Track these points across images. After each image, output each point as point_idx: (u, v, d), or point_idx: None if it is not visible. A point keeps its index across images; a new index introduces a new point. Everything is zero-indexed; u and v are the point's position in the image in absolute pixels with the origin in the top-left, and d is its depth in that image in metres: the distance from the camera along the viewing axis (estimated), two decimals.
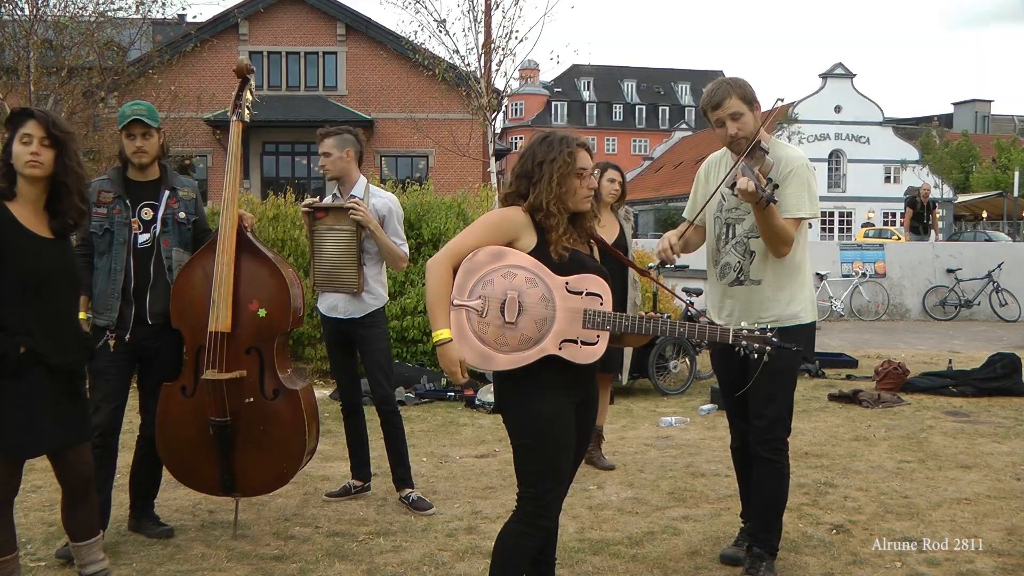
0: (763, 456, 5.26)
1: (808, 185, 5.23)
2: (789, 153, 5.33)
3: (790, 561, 5.56)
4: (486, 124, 23.29)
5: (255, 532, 6.11)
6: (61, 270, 4.58)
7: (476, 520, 6.35)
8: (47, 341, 4.49)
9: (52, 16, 17.41)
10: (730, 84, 5.22)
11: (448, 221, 12.27)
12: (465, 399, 10.65)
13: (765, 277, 5.26)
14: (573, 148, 4.27)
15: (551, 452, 4.18)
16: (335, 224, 6.63)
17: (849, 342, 16.66)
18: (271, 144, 38.66)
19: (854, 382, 12.10)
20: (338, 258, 6.65)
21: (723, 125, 5.20)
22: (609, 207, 7.79)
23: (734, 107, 5.16)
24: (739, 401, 5.41)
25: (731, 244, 5.36)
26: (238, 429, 5.74)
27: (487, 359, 4.19)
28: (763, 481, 5.30)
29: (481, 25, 22.17)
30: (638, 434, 9.09)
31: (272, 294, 5.75)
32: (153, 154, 5.80)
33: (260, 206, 13.12)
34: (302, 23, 38.47)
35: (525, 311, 4.16)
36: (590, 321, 4.18)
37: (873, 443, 8.65)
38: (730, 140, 5.22)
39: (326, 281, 6.73)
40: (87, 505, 4.86)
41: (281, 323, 5.76)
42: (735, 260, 5.33)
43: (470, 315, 4.20)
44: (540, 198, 4.22)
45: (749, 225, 5.22)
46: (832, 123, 63.18)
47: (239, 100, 6.05)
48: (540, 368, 4.16)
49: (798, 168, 5.22)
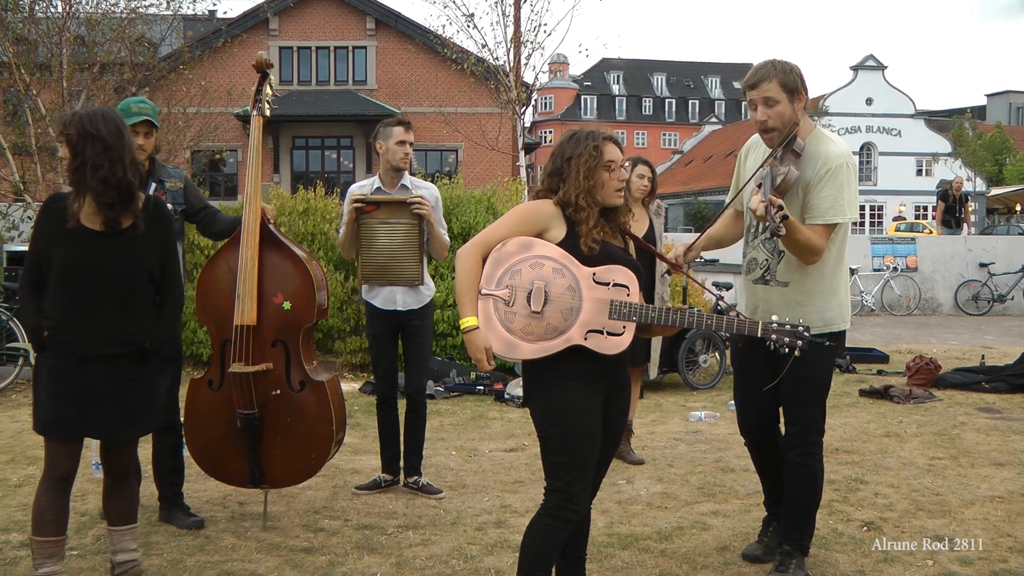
0: (795, 460, 5.18)
1: (847, 186, 4.93)
2: (830, 150, 4.97)
3: (820, 558, 5.53)
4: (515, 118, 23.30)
5: (285, 524, 6.13)
6: (100, 264, 4.60)
7: (505, 514, 6.35)
8: (71, 330, 4.58)
9: (85, 13, 17.50)
10: (775, 66, 4.92)
11: (477, 215, 12.28)
12: (494, 393, 10.65)
13: (793, 280, 5.09)
14: (599, 142, 4.29)
15: (575, 444, 4.19)
16: (389, 217, 6.64)
17: (880, 337, 16.58)
18: (301, 139, 38.82)
19: (885, 377, 12.04)
20: (396, 251, 6.66)
21: (755, 108, 4.98)
22: (640, 202, 7.77)
23: (770, 92, 4.89)
24: (753, 402, 5.38)
25: (760, 239, 5.21)
26: (265, 421, 5.77)
27: (513, 347, 4.22)
28: (794, 485, 5.23)
29: (510, 19, 22.19)
30: (667, 428, 9.08)
31: (297, 287, 5.77)
32: (149, 151, 5.96)
33: (290, 200, 13.15)
34: (332, 18, 38.60)
35: (551, 301, 4.19)
36: (616, 312, 4.19)
37: (904, 439, 8.60)
38: (759, 126, 5.01)
39: (379, 274, 6.71)
40: (125, 491, 4.96)
41: (306, 315, 5.78)
42: (762, 257, 5.20)
43: (497, 304, 4.24)
44: (569, 192, 4.25)
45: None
46: (863, 116, 62.83)
47: (259, 95, 6.08)
48: (565, 360, 4.18)
49: (836, 168, 4.90)
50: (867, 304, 20.66)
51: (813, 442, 5.19)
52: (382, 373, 6.94)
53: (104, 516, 5.03)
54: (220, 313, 5.78)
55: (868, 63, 63.65)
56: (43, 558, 4.67)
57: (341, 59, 39.17)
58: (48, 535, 4.67)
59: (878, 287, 20.94)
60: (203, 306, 5.90)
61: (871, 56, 63.92)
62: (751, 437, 5.53)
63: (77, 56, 17.61)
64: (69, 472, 4.72)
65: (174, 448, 6.18)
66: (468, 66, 23.05)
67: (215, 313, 5.83)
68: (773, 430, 5.46)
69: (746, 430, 5.53)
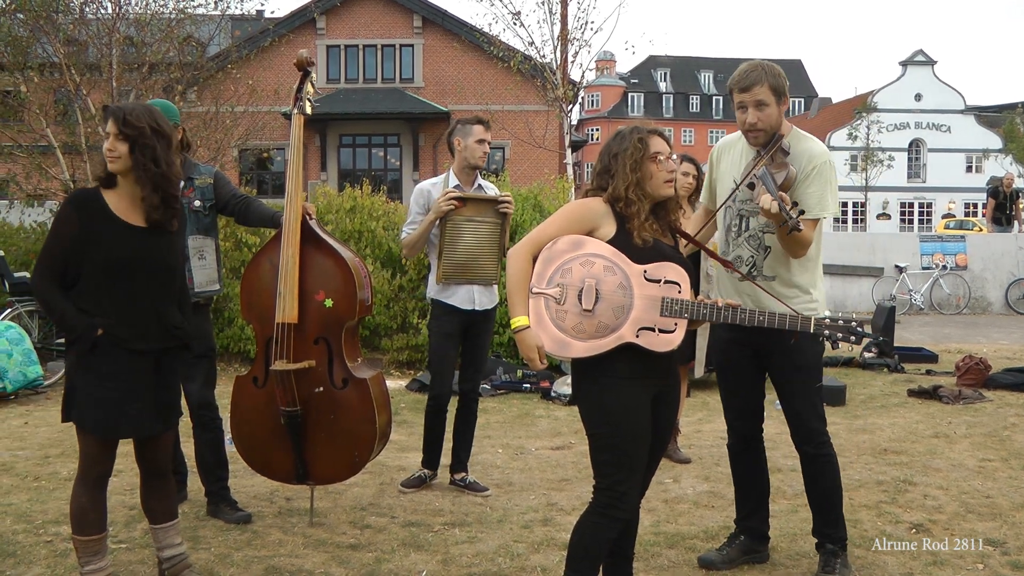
0: (811, 453, 5.23)
1: (830, 182, 5.07)
2: (812, 148, 5.13)
3: (868, 560, 5.49)
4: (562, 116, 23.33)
5: (332, 520, 6.16)
6: (147, 259, 4.65)
7: (551, 512, 6.35)
8: (124, 326, 4.58)
9: (134, 14, 17.67)
10: (764, 70, 5.01)
11: (524, 213, 12.27)
12: (541, 391, 10.65)
13: (778, 274, 5.16)
14: (644, 134, 4.31)
15: (624, 442, 4.19)
16: (475, 215, 6.66)
17: (929, 336, 16.44)
18: (348, 137, 38.95)
19: (934, 377, 11.93)
20: (478, 249, 6.69)
21: (744, 110, 5.04)
22: (686, 200, 7.74)
23: (761, 95, 4.98)
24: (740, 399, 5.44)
25: (744, 237, 5.26)
26: (309, 418, 5.81)
27: (564, 346, 4.22)
28: (817, 477, 5.27)
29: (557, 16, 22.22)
30: (714, 427, 9.04)
31: (338, 284, 5.79)
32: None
33: (337, 198, 13.20)
34: (379, 16, 38.73)
35: (603, 299, 4.19)
36: (667, 309, 4.19)
37: (954, 440, 8.51)
38: (747, 128, 5.07)
39: (459, 273, 6.70)
40: (164, 489, 4.98)
41: (348, 313, 5.80)
42: (747, 255, 5.23)
43: (548, 303, 4.24)
44: (618, 187, 4.26)
45: (765, 220, 5.06)
46: (912, 112, 62.34)
47: (300, 93, 6.12)
48: (615, 358, 4.18)
49: (821, 166, 5.05)
50: (916, 303, 20.49)
51: (822, 431, 5.25)
52: (446, 372, 6.87)
53: (146, 515, 5.03)
54: (263, 311, 5.83)
55: (917, 58, 63.15)
56: (88, 556, 4.71)
57: (388, 57, 39.27)
58: (92, 534, 4.71)
59: (927, 285, 20.75)
60: (247, 304, 5.97)
61: (920, 51, 63.42)
62: (736, 436, 5.53)
63: (126, 56, 17.79)
64: (109, 470, 4.78)
65: (215, 444, 6.27)
66: (515, 64, 23.10)
67: (259, 311, 5.88)
68: (759, 429, 5.51)
69: (733, 429, 5.54)
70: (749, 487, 5.55)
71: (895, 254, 21.09)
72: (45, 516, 6.11)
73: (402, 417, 9.32)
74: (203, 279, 6.07)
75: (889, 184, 58.90)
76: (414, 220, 6.75)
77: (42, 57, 17.91)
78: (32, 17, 16.87)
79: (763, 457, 5.55)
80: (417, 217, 6.73)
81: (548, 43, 22.50)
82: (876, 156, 54.20)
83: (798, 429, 5.24)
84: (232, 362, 12.03)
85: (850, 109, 62.09)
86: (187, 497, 6.50)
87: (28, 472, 7.24)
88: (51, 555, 5.45)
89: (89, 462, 4.68)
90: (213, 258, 6.15)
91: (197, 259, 6.04)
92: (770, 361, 5.17)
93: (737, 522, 5.59)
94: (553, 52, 22.48)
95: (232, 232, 11.91)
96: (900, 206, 62.86)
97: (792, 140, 5.10)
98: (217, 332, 11.83)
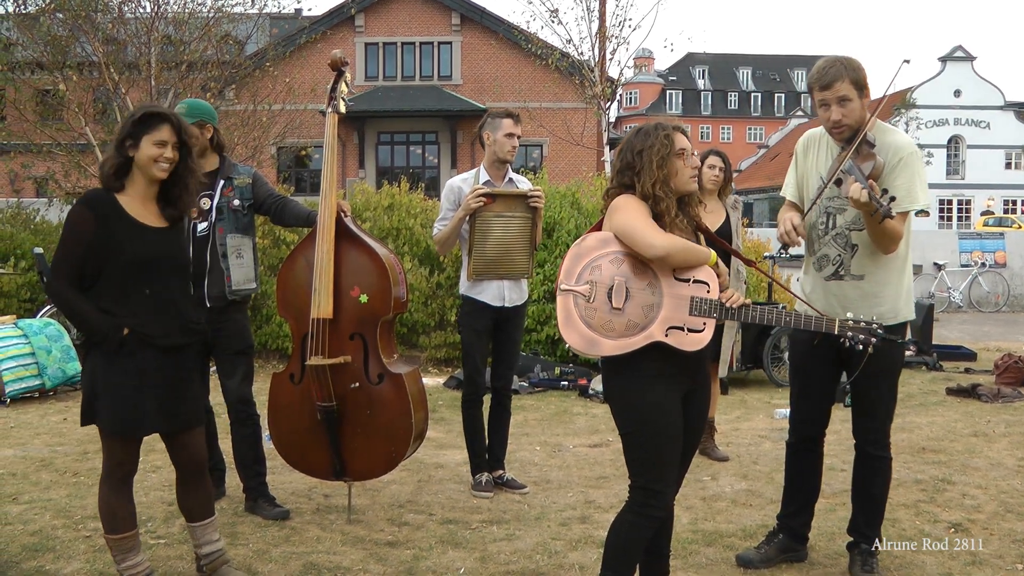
0: (876, 455, 5.20)
1: (919, 174, 4.98)
2: (898, 140, 5.05)
3: (907, 559, 5.47)
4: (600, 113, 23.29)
5: (369, 518, 6.18)
6: (168, 256, 4.72)
7: (589, 510, 6.35)
8: (151, 323, 4.62)
9: (172, 13, 17.79)
10: (844, 65, 4.90)
11: (563, 210, 12.27)
12: (578, 388, 10.66)
13: (867, 272, 5.07)
14: (669, 131, 4.29)
15: (656, 441, 4.19)
16: (505, 211, 6.62)
17: (968, 334, 16.33)
18: (386, 134, 39.02)
19: (973, 375, 11.86)
20: (509, 244, 6.66)
21: (827, 107, 4.95)
22: (715, 194, 7.71)
23: (844, 91, 4.88)
24: (811, 401, 5.37)
25: (831, 235, 5.17)
26: (345, 414, 5.84)
27: (594, 344, 4.20)
28: (874, 478, 5.23)
29: (595, 14, 22.19)
30: (752, 425, 9.01)
31: (373, 280, 5.82)
32: (200, 147, 5.99)
33: (375, 196, 13.24)
34: (417, 14, 38.76)
35: (632, 297, 4.18)
36: (697, 308, 4.17)
37: (993, 439, 8.45)
38: (832, 125, 4.99)
39: (490, 269, 6.67)
40: (200, 486, 4.98)
41: (383, 308, 5.82)
42: (834, 253, 5.15)
43: (577, 300, 4.22)
44: (645, 184, 4.23)
45: (851, 217, 5.02)
46: (951, 108, 61.70)
47: (334, 92, 6.16)
48: (645, 356, 4.16)
49: (907, 157, 4.96)
50: (954, 300, 20.36)
51: (888, 433, 5.23)
52: (480, 369, 6.83)
53: (183, 513, 5.05)
54: (299, 308, 5.89)
55: (957, 54, 62.51)
56: (124, 552, 4.75)
57: (426, 55, 39.30)
58: (125, 531, 4.74)
59: (966, 283, 20.62)
60: (283, 301, 6.04)
61: (959, 47, 62.76)
62: (799, 437, 5.48)
63: (165, 55, 17.91)
64: (135, 468, 4.81)
65: (252, 440, 6.29)
66: (553, 61, 23.08)
67: (295, 308, 5.93)
68: (823, 433, 5.46)
69: (796, 430, 5.49)
70: (800, 487, 5.51)
71: (934, 251, 20.95)
72: (84, 512, 6.15)
73: (440, 414, 9.33)
74: (240, 277, 6.10)
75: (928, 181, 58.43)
76: (445, 216, 6.74)
77: (81, 56, 18.07)
78: (71, 16, 17.03)
79: (820, 461, 5.51)
80: (448, 213, 6.72)
81: (586, 40, 22.47)
82: None
83: (866, 429, 5.21)
84: (270, 359, 12.09)
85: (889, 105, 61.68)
86: (225, 493, 6.54)
87: (67, 468, 7.30)
88: (90, 550, 5.49)
89: (114, 462, 4.70)
90: (251, 257, 6.19)
91: (235, 257, 6.08)
92: (850, 364, 5.03)
93: (779, 518, 5.56)
94: (591, 49, 22.45)
95: (270, 230, 11.97)
96: (939, 203, 62.28)
97: (877, 132, 5.01)
98: (255, 329, 11.90)
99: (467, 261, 6.69)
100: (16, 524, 5.98)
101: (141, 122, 4.60)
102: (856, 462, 5.31)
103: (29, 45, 17.73)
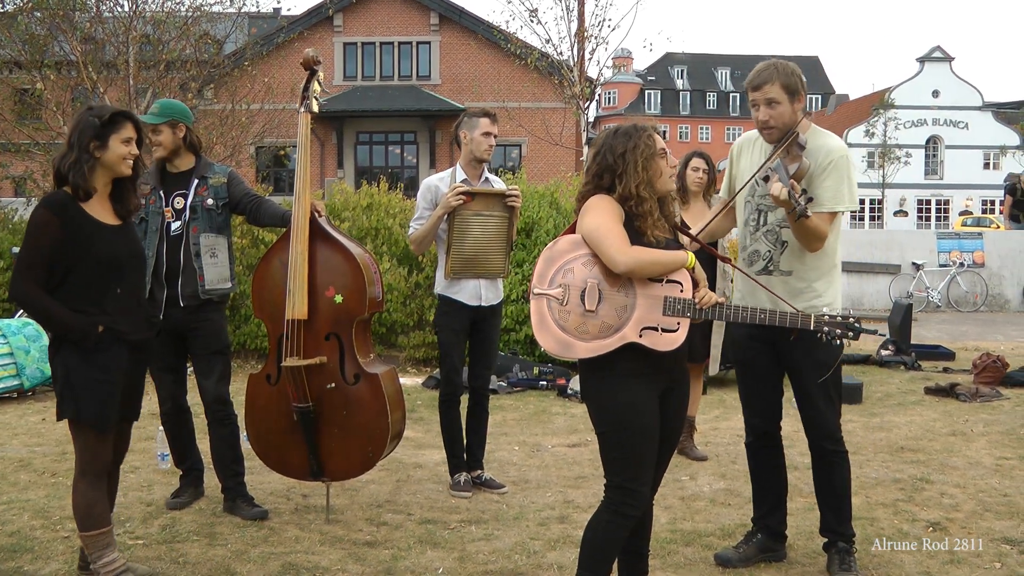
0: (830, 449, 5.25)
1: (847, 177, 5.09)
2: (829, 143, 5.17)
3: (886, 558, 5.48)
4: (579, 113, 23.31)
5: (348, 517, 6.17)
6: (129, 253, 4.83)
7: (568, 509, 6.35)
8: (123, 319, 4.72)
9: (151, 12, 17.75)
10: (777, 69, 5.09)
11: (541, 210, 12.26)
12: (557, 388, 10.65)
13: (796, 268, 5.17)
14: (650, 132, 4.32)
15: (633, 440, 4.19)
16: (483, 209, 6.62)
17: (946, 334, 16.39)
18: (365, 134, 39.01)
19: (951, 375, 11.90)
20: (486, 243, 6.66)
21: (757, 108, 5.13)
22: (700, 195, 7.73)
23: (772, 94, 5.05)
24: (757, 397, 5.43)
25: (762, 232, 5.26)
26: (321, 414, 5.84)
27: (568, 347, 4.20)
28: (833, 473, 5.28)
29: (574, 14, 22.26)
30: (731, 425, 9.02)
31: (348, 280, 5.82)
32: (167, 146, 6.13)
33: (354, 195, 13.22)
34: (396, 13, 38.76)
35: (605, 299, 4.18)
36: (670, 308, 4.18)
37: (971, 438, 8.48)
38: (760, 125, 5.15)
39: (467, 268, 6.65)
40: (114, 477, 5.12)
41: (358, 308, 5.82)
42: (765, 249, 5.24)
43: (550, 304, 4.22)
44: (628, 185, 4.22)
45: (782, 214, 5.09)
46: (929, 108, 62.00)
47: (306, 92, 6.19)
48: (619, 356, 4.16)
49: (838, 160, 5.08)
50: (933, 300, 20.43)
51: (838, 427, 5.29)
52: (458, 368, 6.82)
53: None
54: (275, 309, 5.89)
55: (935, 55, 62.83)
56: (100, 549, 4.77)
57: (405, 54, 39.28)
58: (100, 527, 4.78)
59: (944, 283, 20.68)
60: (259, 302, 6.06)
61: (938, 47, 63.11)
62: (756, 434, 5.51)
63: (143, 54, 17.87)
64: (109, 462, 4.87)
65: (230, 440, 6.30)
66: (532, 61, 23.13)
67: (270, 309, 5.94)
68: (777, 427, 5.50)
69: (752, 428, 5.52)
70: (767, 485, 5.54)
71: (912, 251, 21.02)
72: (63, 512, 6.12)
73: (419, 414, 9.33)
74: (214, 277, 6.09)
75: (906, 181, 58.62)
76: (421, 216, 6.73)
77: (59, 55, 18.04)
78: (49, 15, 16.99)
79: (781, 455, 5.54)
80: (425, 212, 6.70)
81: (565, 40, 22.55)
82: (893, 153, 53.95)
83: (815, 425, 5.25)
84: (249, 359, 12.06)
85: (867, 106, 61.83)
86: (204, 493, 6.53)
87: (45, 468, 7.28)
88: (68, 550, 5.47)
89: (90, 456, 4.74)
90: (225, 256, 6.18)
91: (209, 257, 6.08)
92: (790, 357, 5.17)
93: (755, 520, 5.58)
94: (570, 49, 22.51)
95: (249, 230, 11.93)
96: (917, 203, 62.60)
97: (810, 136, 5.13)
98: (234, 329, 11.89)
99: (444, 260, 6.67)
100: None
101: (110, 122, 4.66)
102: (813, 460, 5.37)
103: (7, 44, 17.67)
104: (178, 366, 6.36)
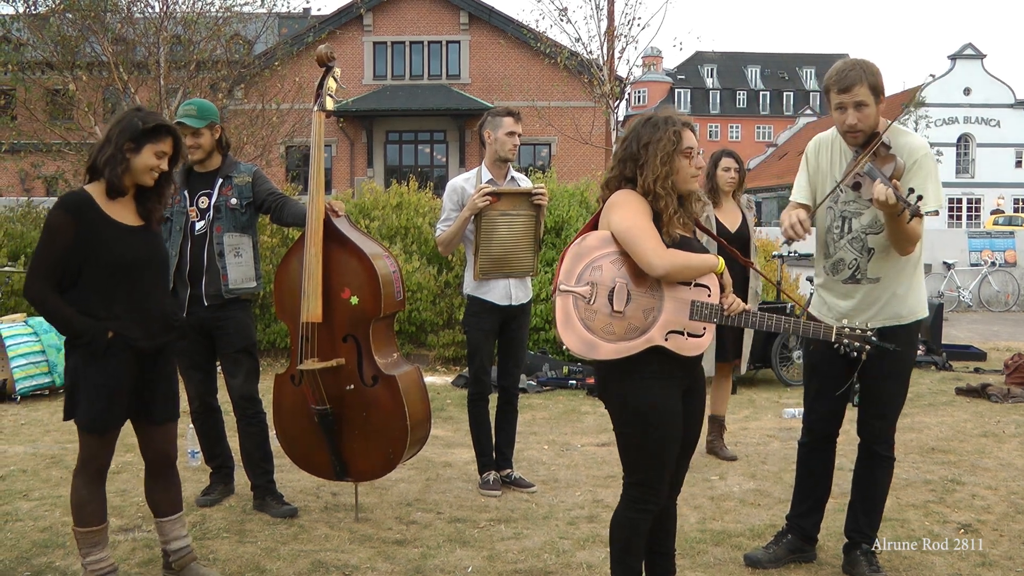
0: (882, 455, 5.21)
1: (932, 175, 4.94)
2: (912, 141, 5.00)
3: (916, 560, 5.45)
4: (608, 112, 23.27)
5: (377, 516, 6.18)
6: (147, 256, 4.76)
7: (597, 508, 6.35)
8: (134, 325, 4.66)
9: (181, 13, 17.83)
10: (863, 69, 4.86)
11: (571, 209, 12.25)
12: (586, 387, 10.64)
13: (884, 274, 5.05)
14: (679, 127, 4.20)
15: (654, 440, 4.16)
16: (510, 209, 6.60)
17: (977, 334, 16.28)
18: (395, 133, 39.09)
19: (982, 375, 11.82)
20: (514, 243, 6.64)
21: (844, 111, 4.91)
22: (730, 195, 7.70)
23: (862, 96, 4.85)
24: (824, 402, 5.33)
25: (846, 239, 5.13)
26: (341, 416, 5.85)
27: (593, 347, 4.12)
28: (877, 477, 5.24)
29: (604, 13, 22.20)
30: (760, 425, 9.00)
31: (363, 281, 5.79)
32: (207, 148, 6.16)
33: (383, 195, 13.25)
34: (426, 12, 38.84)
35: (633, 299, 4.11)
36: (697, 313, 4.12)
37: (1002, 440, 8.43)
38: (847, 129, 4.94)
39: (496, 268, 6.64)
40: (168, 481, 5.03)
41: (374, 309, 5.78)
42: (851, 257, 5.11)
43: (577, 302, 4.13)
44: (647, 179, 4.15)
45: (868, 220, 4.99)
46: (961, 106, 61.62)
47: (320, 89, 6.13)
48: (644, 358, 4.10)
49: (922, 159, 4.93)
50: (964, 300, 20.30)
51: (893, 434, 5.26)
52: (485, 369, 6.81)
53: (151, 508, 5.08)
54: (294, 310, 5.87)
55: (966, 52, 62.44)
56: (89, 547, 4.78)
57: (435, 54, 39.37)
58: (92, 525, 4.78)
59: (975, 282, 20.55)
60: (280, 304, 6.05)
61: (969, 45, 62.70)
62: (814, 436, 5.46)
63: (174, 54, 17.96)
64: (108, 463, 4.86)
65: (259, 438, 6.32)
66: (561, 60, 23.11)
67: (291, 310, 5.92)
68: (836, 432, 5.45)
69: (811, 429, 5.47)
70: (811, 488, 5.49)
71: (943, 250, 20.88)
72: None
73: (448, 413, 9.34)
74: (238, 276, 6.11)
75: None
76: (448, 217, 6.72)
77: (91, 56, 18.14)
78: (81, 17, 17.09)
79: (833, 461, 5.49)
80: (451, 214, 6.70)
81: (595, 39, 22.49)
82: None
83: (874, 429, 5.20)
84: (279, 357, 12.10)
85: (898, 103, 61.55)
86: (233, 491, 6.55)
87: None
88: None
89: (88, 455, 4.75)
90: (250, 255, 6.18)
91: (232, 256, 6.09)
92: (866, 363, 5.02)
93: (789, 519, 5.55)
94: (600, 48, 22.46)
95: (279, 230, 11.97)
96: (948, 202, 62.20)
97: (891, 134, 4.98)
98: (264, 328, 11.95)
99: (473, 261, 6.66)
100: (27, 520, 6.02)
101: (152, 131, 4.66)
102: (860, 461, 5.31)
103: (39, 45, 17.81)
104: (207, 365, 6.37)
